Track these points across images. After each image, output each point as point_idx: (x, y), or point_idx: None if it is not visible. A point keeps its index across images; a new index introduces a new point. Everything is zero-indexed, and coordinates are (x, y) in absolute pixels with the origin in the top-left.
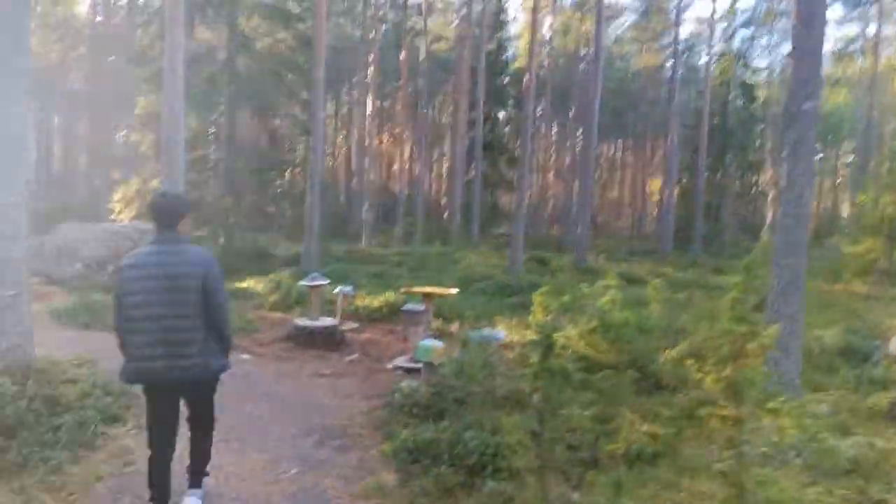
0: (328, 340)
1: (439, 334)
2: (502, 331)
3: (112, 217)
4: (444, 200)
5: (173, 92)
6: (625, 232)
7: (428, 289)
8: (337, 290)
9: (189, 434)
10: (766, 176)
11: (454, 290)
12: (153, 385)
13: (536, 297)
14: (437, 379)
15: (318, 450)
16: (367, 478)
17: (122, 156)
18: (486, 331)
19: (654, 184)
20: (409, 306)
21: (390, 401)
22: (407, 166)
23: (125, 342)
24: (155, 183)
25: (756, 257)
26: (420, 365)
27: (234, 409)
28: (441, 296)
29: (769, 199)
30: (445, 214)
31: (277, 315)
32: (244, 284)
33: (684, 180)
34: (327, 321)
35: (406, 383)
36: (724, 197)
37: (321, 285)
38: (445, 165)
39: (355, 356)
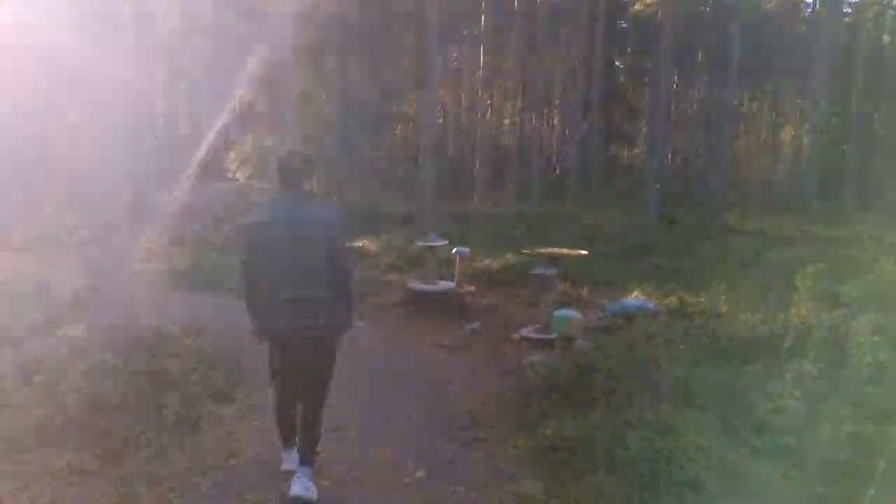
0: (447, 306)
1: (569, 300)
2: (649, 301)
3: (229, 176)
4: (556, 156)
5: (281, 48)
6: (754, 186)
7: (554, 249)
8: (454, 251)
9: (300, 410)
10: None
11: (583, 252)
12: (280, 342)
13: (801, 280)
14: (578, 357)
15: (445, 444)
16: (507, 484)
17: (238, 116)
18: (630, 300)
19: (787, 133)
20: (539, 270)
21: (522, 381)
22: (518, 120)
23: (253, 299)
24: (268, 142)
25: None
26: (552, 336)
27: (351, 389)
28: (569, 257)
29: None
30: (557, 171)
31: (392, 277)
32: (357, 244)
33: (826, 128)
34: (445, 285)
35: (539, 359)
36: (874, 145)
37: (438, 246)
38: (557, 119)
39: (477, 325)
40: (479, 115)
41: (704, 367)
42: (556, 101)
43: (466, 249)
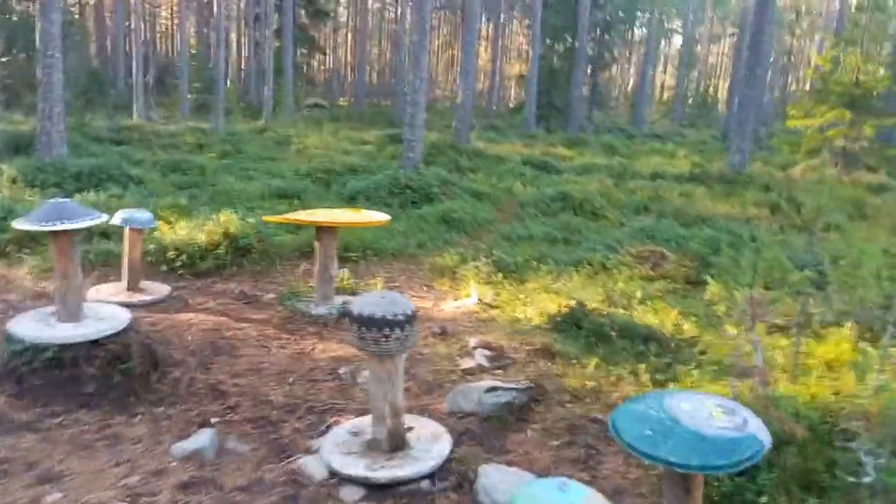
0: (108, 370)
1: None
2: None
3: None
4: (241, 64)
5: None
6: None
7: (327, 218)
8: (118, 219)
9: None
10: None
11: (383, 218)
12: None
13: None
14: None
15: None
16: None
17: None
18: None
19: (483, 53)
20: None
21: None
22: (177, 23)
23: None
24: None
25: None
26: (416, 474)
27: None
28: (354, 227)
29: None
30: (236, 83)
31: None
32: None
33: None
34: (100, 317)
35: None
36: (577, 65)
37: (76, 230)
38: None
39: (189, 445)
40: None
41: None
42: None
43: (147, 216)
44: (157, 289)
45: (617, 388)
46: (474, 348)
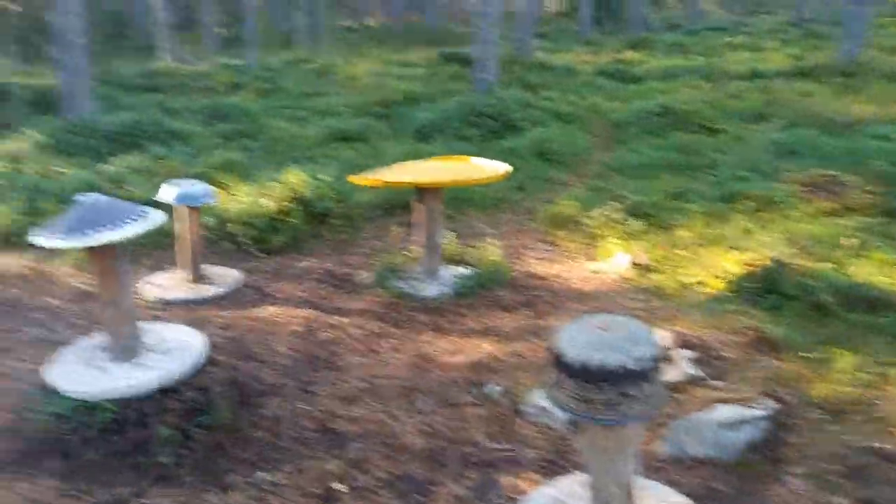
0: (183, 425)
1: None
2: None
3: None
4: None
5: None
6: None
7: (431, 175)
8: (170, 196)
9: None
10: None
11: (504, 168)
12: None
13: None
14: None
15: None
16: None
17: None
18: None
19: None
20: (586, 348)
21: None
22: None
23: None
24: None
25: None
26: None
27: None
28: (466, 185)
29: None
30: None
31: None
32: None
33: None
34: (166, 348)
35: None
36: None
37: (120, 239)
38: None
39: None
40: None
41: None
42: None
43: (202, 187)
44: (225, 275)
45: (885, 394)
46: (670, 348)
